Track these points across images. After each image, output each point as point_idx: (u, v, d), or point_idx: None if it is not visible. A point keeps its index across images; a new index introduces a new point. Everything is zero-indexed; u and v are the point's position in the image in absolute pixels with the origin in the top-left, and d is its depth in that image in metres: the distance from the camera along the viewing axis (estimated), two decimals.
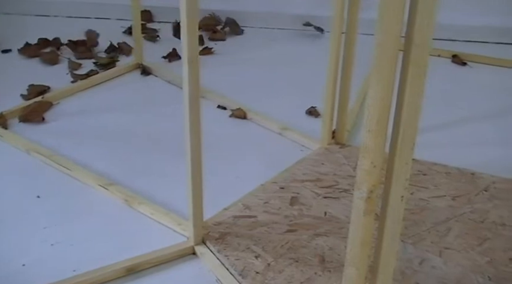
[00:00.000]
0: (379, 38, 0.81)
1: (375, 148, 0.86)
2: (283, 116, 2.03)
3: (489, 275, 1.35)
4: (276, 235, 1.44)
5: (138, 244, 1.42)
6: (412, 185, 1.64)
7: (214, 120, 1.99)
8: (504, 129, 2.05)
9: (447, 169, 1.74)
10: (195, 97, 1.27)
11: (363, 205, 0.90)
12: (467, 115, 2.13)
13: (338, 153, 1.79)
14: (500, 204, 1.59)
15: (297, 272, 1.32)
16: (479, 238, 1.47)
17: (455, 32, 2.78)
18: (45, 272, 1.35)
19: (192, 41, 1.22)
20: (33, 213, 1.54)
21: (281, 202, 1.56)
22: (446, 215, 1.54)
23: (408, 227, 1.48)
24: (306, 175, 1.68)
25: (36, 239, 1.45)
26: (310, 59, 2.46)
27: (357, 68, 1.77)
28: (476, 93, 2.31)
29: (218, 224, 1.47)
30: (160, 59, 2.45)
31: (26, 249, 1.42)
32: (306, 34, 2.79)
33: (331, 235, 1.44)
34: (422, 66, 0.84)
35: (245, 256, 1.37)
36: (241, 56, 2.56)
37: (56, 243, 1.44)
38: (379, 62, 0.82)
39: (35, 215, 1.53)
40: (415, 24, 0.81)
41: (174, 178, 1.59)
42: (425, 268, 1.36)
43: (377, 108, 0.84)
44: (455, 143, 1.95)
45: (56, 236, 1.46)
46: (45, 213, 1.54)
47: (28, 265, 1.37)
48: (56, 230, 1.48)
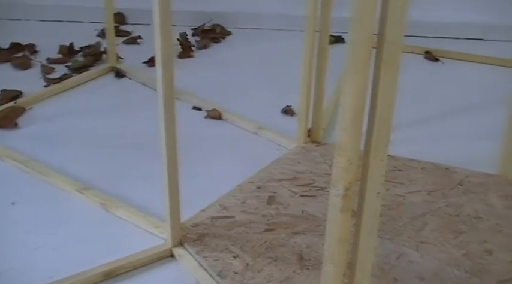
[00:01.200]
0: (351, 36, 0.82)
1: (350, 146, 0.87)
2: (258, 116, 2.03)
3: (465, 267, 1.37)
4: (253, 235, 1.44)
5: (115, 248, 1.41)
6: (388, 181, 1.65)
7: (190, 121, 1.99)
8: (477, 123, 2.07)
9: (422, 165, 1.75)
10: (170, 99, 1.27)
11: (340, 202, 0.91)
12: (441, 111, 2.15)
13: (314, 152, 1.80)
14: (475, 198, 1.61)
15: (276, 271, 1.33)
16: (454, 232, 1.48)
17: (428, 29, 2.80)
18: (21, 278, 1.33)
19: (165, 42, 1.21)
20: (8, 220, 1.52)
21: (258, 201, 1.56)
22: (422, 210, 1.55)
23: (385, 223, 1.49)
24: (283, 174, 1.68)
25: (12, 246, 1.43)
26: (286, 59, 2.47)
27: (331, 66, 1.78)
28: (449, 89, 2.33)
29: (196, 225, 1.47)
30: (136, 61, 2.43)
31: (1, 256, 1.40)
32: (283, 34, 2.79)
33: (308, 233, 1.45)
34: (395, 63, 0.85)
35: (223, 256, 1.37)
36: (217, 57, 2.56)
37: (32, 249, 1.42)
38: (352, 60, 0.82)
39: (9, 222, 1.51)
40: (387, 21, 0.82)
41: (150, 181, 1.58)
42: (402, 262, 1.37)
43: (351, 106, 0.84)
44: (430, 138, 1.96)
45: (32, 242, 1.44)
46: (21, 219, 1.52)
47: (3, 272, 1.35)
48: (31, 237, 1.46)
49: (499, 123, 1.74)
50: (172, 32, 1.22)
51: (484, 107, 2.19)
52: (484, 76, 2.46)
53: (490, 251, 1.42)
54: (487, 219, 1.53)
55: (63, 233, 1.48)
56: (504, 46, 2.71)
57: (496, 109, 2.06)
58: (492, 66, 2.53)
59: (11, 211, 1.56)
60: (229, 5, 2.89)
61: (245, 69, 2.43)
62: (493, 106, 2.16)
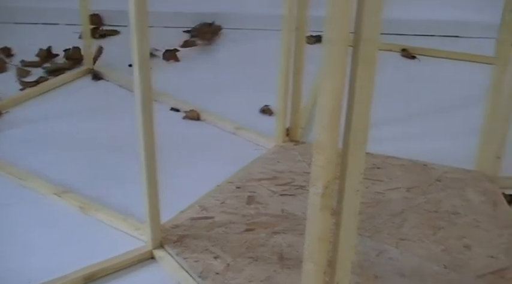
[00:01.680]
0: (328, 34, 0.82)
1: (329, 144, 0.87)
2: (237, 116, 2.03)
3: (444, 263, 1.38)
4: (234, 235, 1.44)
5: (95, 252, 1.40)
6: (367, 179, 1.65)
7: (168, 122, 1.98)
8: (453, 120, 2.09)
9: (401, 162, 1.76)
10: (147, 100, 1.26)
11: (319, 200, 0.91)
12: (418, 108, 2.16)
13: (293, 151, 1.80)
14: (453, 193, 1.62)
15: (257, 270, 1.33)
16: (433, 228, 1.49)
17: (404, 27, 2.81)
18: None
19: (142, 43, 1.21)
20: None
21: (238, 201, 1.56)
22: (401, 207, 1.56)
23: (365, 221, 1.50)
24: (262, 173, 1.68)
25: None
26: (264, 58, 2.47)
27: (311, 65, 1.78)
28: (425, 86, 2.34)
29: (176, 227, 1.47)
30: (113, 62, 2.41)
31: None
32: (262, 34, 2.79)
33: (288, 232, 1.45)
34: (372, 60, 0.85)
35: (204, 257, 1.37)
36: (194, 58, 2.55)
37: (11, 254, 1.41)
38: (329, 59, 0.82)
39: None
40: (363, 19, 0.82)
41: (129, 183, 1.58)
42: (382, 259, 1.38)
43: (329, 105, 0.85)
44: (408, 136, 1.98)
45: (10, 247, 1.43)
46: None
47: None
48: (10, 241, 1.45)
49: (475, 120, 1.75)
50: (149, 33, 1.22)
51: (460, 104, 2.21)
52: (460, 73, 2.48)
53: (469, 246, 1.43)
54: (465, 215, 1.54)
55: (42, 237, 1.47)
56: (479, 43, 2.73)
57: (473, 105, 2.08)
58: (468, 63, 2.55)
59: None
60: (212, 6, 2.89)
61: (223, 69, 2.42)
62: (469, 103, 2.18)
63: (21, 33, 2.72)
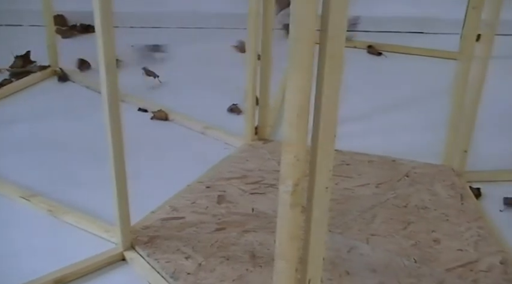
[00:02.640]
0: (294, 32, 0.82)
1: (297, 142, 0.87)
2: (205, 115, 2.02)
3: (415, 257, 1.39)
4: (205, 235, 1.43)
5: (65, 255, 1.39)
6: (336, 175, 1.66)
7: (136, 123, 1.97)
8: (420, 115, 2.11)
9: (369, 158, 1.78)
10: (114, 101, 1.25)
11: (289, 198, 0.91)
12: (385, 104, 2.18)
13: (262, 149, 1.80)
14: (421, 188, 1.64)
15: (229, 270, 1.33)
16: (403, 223, 1.51)
17: (369, 23, 2.83)
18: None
19: (108, 44, 1.20)
20: None
21: (208, 201, 1.56)
22: (371, 203, 1.57)
23: (335, 217, 1.51)
24: (232, 172, 1.68)
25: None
26: (229, 57, 2.47)
27: (275, 63, 1.78)
28: (392, 82, 2.36)
29: (146, 228, 1.46)
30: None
31: None
32: (223, 33, 2.79)
33: (259, 231, 1.45)
34: (338, 57, 0.85)
35: (175, 257, 1.36)
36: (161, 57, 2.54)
37: None
38: (296, 56, 0.83)
39: None
40: (329, 17, 0.82)
41: (98, 185, 1.56)
42: (353, 255, 1.39)
43: (297, 102, 0.85)
44: (376, 131, 1.99)
45: None
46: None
47: None
48: None
49: (441, 114, 1.77)
50: (114, 33, 1.21)
51: (426, 99, 2.23)
52: (426, 68, 2.50)
53: (438, 240, 1.45)
54: (433, 209, 1.56)
55: (10, 242, 1.45)
56: (443, 39, 2.76)
57: (438, 100, 2.11)
58: (433, 59, 2.58)
59: None
60: (171, 5, 2.88)
61: (190, 69, 2.41)
62: (435, 98, 2.21)
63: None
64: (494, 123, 2.02)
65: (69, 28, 2.77)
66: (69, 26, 2.78)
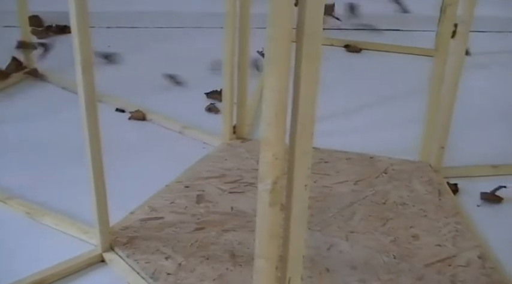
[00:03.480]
0: (270, 31, 0.82)
1: (275, 141, 0.87)
2: (182, 115, 2.02)
3: (394, 253, 1.40)
4: (184, 235, 1.43)
5: (44, 257, 1.38)
6: (314, 173, 1.67)
7: (113, 123, 1.96)
8: (398, 112, 2.12)
9: (347, 155, 1.78)
10: (92, 102, 1.24)
11: (268, 197, 0.91)
12: (363, 101, 2.19)
13: (240, 148, 1.80)
14: (399, 185, 1.65)
15: (209, 269, 1.33)
16: (382, 219, 1.51)
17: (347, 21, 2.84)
18: None
19: (84, 44, 1.19)
20: None
21: (187, 201, 1.55)
22: (349, 200, 1.58)
23: (314, 215, 1.51)
24: (210, 172, 1.68)
25: None
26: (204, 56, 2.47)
27: None
28: (369, 80, 2.38)
29: (125, 228, 1.45)
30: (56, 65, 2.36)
31: None
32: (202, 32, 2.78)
33: (239, 230, 1.45)
34: (315, 55, 0.85)
35: (155, 258, 1.36)
36: (138, 57, 2.53)
37: None
38: (273, 55, 0.83)
39: None
40: (305, 15, 0.83)
41: (77, 186, 1.55)
42: (333, 253, 1.39)
43: (274, 101, 0.85)
44: (354, 129, 2.00)
45: None
46: None
47: None
48: None
49: (418, 111, 1.79)
50: (90, 33, 1.20)
51: (403, 96, 2.25)
52: (403, 65, 2.52)
53: (417, 236, 1.46)
54: (412, 205, 1.57)
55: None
56: (420, 36, 2.78)
57: (415, 97, 2.12)
58: (410, 56, 2.60)
59: None
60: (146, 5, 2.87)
61: (167, 68, 2.40)
62: (412, 95, 2.22)
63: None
64: (470, 119, 2.04)
65: (45, 29, 2.74)
66: (44, 27, 2.75)
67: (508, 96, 2.31)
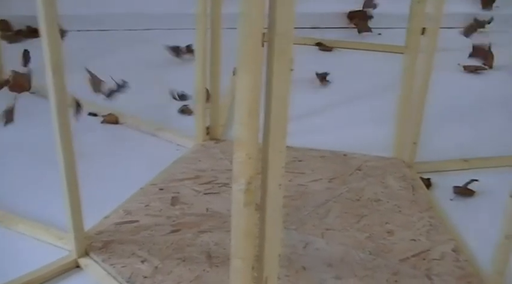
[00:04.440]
0: (242, 30, 0.82)
1: (249, 140, 0.87)
2: (156, 117, 2.01)
3: (369, 249, 1.41)
4: (160, 237, 1.43)
5: (18, 265, 1.36)
6: (289, 172, 1.67)
7: (86, 127, 1.94)
8: (370, 109, 2.13)
9: (321, 153, 1.79)
10: (63, 106, 1.23)
11: (242, 197, 0.91)
12: (336, 99, 2.19)
13: (214, 149, 1.80)
14: (374, 181, 1.66)
15: (186, 271, 1.32)
16: (357, 216, 1.52)
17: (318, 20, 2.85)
18: None
19: (54, 48, 1.18)
20: None
21: (162, 203, 1.55)
22: (324, 198, 1.59)
23: (289, 214, 1.51)
24: (184, 173, 1.67)
25: None
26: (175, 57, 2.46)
27: (225, 62, 1.78)
28: (342, 77, 2.38)
29: (100, 233, 1.44)
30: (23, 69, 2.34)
31: None
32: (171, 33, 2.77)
33: (215, 231, 1.45)
34: (287, 55, 0.86)
35: (131, 262, 1.35)
36: (109, 60, 2.51)
37: None
38: (244, 55, 0.83)
39: None
40: (277, 14, 0.83)
41: (50, 191, 1.54)
42: (309, 251, 1.40)
43: (247, 101, 0.85)
44: (327, 127, 2.01)
45: None
46: None
47: None
48: None
49: (390, 108, 1.80)
50: (59, 37, 1.19)
51: (375, 93, 2.26)
52: (374, 63, 2.54)
53: (392, 231, 1.47)
54: (386, 201, 1.58)
55: None
56: (391, 33, 2.79)
57: (388, 94, 2.13)
58: (381, 53, 2.61)
59: None
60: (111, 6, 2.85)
61: (137, 71, 2.39)
62: (384, 92, 2.23)
63: None
64: (441, 114, 2.06)
65: (15, 33, 2.72)
66: (14, 31, 2.73)
67: (478, 90, 2.34)
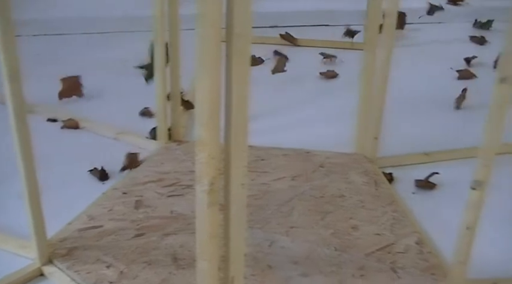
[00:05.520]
0: (199, 31, 0.82)
1: (210, 141, 0.87)
2: (116, 121, 1.99)
3: (335, 246, 1.41)
4: (125, 242, 1.42)
5: None
6: (252, 171, 1.67)
7: (46, 134, 1.92)
8: (331, 106, 2.15)
9: (284, 152, 1.79)
10: (21, 113, 1.22)
11: (206, 197, 0.91)
12: (296, 97, 2.20)
13: (177, 150, 1.79)
14: (336, 178, 1.67)
15: (152, 275, 1.31)
16: (321, 213, 1.53)
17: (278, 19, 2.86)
18: None
19: (10, 53, 1.16)
20: None
21: (125, 207, 1.54)
22: (288, 196, 1.59)
23: (254, 213, 1.52)
24: (147, 176, 1.66)
25: None
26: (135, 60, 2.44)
27: (185, 63, 1.78)
28: (301, 75, 2.39)
29: (63, 240, 1.43)
30: None
31: None
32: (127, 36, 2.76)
33: (180, 233, 1.45)
34: (246, 54, 0.86)
35: (96, 268, 1.34)
36: (62, 64, 2.48)
37: None
38: (203, 56, 0.83)
39: None
40: (234, 14, 0.83)
41: (10, 200, 1.52)
42: (275, 249, 1.40)
43: (207, 101, 0.85)
44: (288, 125, 2.01)
45: None
46: None
47: None
48: None
49: (351, 104, 1.81)
50: (16, 42, 1.17)
51: (336, 90, 2.28)
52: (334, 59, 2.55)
53: (356, 226, 1.48)
54: (349, 197, 1.59)
55: None
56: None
57: (347, 91, 2.15)
58: (340, 50, 2.63)
59: None
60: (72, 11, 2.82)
61: (97, 74, 2.38)
62: (344, 89, 2.25)
63: None
64: (401, 109, 2.08)
65: None
66: None
67: (436, 85, 2.37)
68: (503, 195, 1.65)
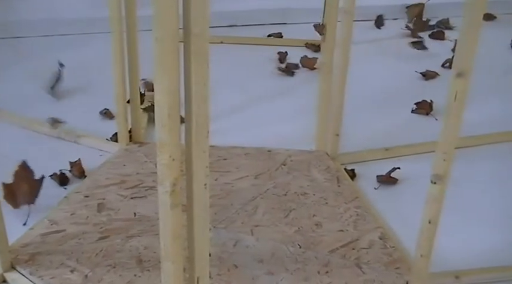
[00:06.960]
0: (156, 32, 0.82)
1: (171, 142, 0.87)
2: (76, 123, 1.97)
3: (299, 243, 1.42)
4: (88, 245, 1.40)
5: None
6: (214, 171, 1.67)
7: (4, 137, 1.89)
8: (291, 104, 2.15)
9: (245, 151, 1.80)
10: None
11: (169, 199, 0.91)
12: (255, 96, 2.20)
13: (138, 152, 1.78)
14: (299, 175, 1.68)
15: (116, 278, 1.31)
16: (285, 211, 1.54)
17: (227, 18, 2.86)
18: None
19: None
20: None
21: (88, 210, 1.52)
22: (251, 195, 1.60)
23: (217, 213, 1.52)
24: (109, 179, 1.65)
25: None
26: (94, 62, 2.42)
27: (143, 64, 1.77)
28: (258, 74, 2.39)
29: (26, 245, 1.41)
30: None
31: None
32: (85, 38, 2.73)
33: (144, 235, 1.44)
34: (204, 54, 0.86)
35: (60, 272, 1.32)
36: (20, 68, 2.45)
37: None
38: (160, 57, 0.82)
39: None
40: (191, 14, 0.83)
41: None
42: (240, 248, 1.40)
43: (166, 102, 0.85)
44: (249, 125, 2.01)
45: None
46: None
47: None
48: None
49: (311, 102, 1.82)
50: None
51: (295, 88, 2.28)
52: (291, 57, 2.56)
53: (319, 223, 1.49)
54: (312, 194, 1.60)
55: None
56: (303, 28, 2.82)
57: (306, 88, 2.16)
58: (299, 48, 2.64)
59: None
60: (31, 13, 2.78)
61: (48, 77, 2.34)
62: (303, 86, 2.26)
63: None
64: (361, 106, 2.09)
65: None
66: None
67: (394, 81, 2.39)
68: (464, 189, 1.67)
